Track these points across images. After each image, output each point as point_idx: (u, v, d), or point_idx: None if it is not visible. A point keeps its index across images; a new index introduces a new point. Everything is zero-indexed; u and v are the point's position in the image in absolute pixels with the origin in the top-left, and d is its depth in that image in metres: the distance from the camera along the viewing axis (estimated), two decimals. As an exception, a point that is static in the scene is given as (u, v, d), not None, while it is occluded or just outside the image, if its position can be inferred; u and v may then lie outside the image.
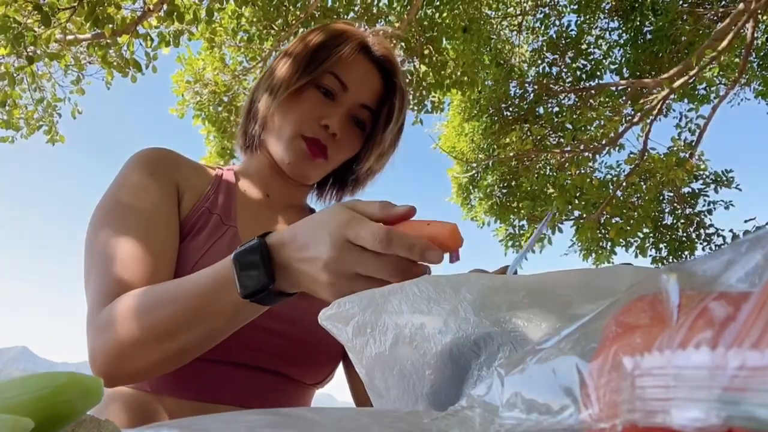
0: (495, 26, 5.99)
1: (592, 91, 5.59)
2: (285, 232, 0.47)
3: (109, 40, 3.89)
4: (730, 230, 5.20)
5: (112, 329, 0.53)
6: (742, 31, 4.29)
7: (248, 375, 0.64)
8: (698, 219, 5.30)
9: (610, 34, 5.88)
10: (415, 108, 5.09)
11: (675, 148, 4.92)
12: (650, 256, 5.37)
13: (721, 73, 5.39)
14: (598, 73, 5.74)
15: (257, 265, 0.45)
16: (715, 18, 4.97)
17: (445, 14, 4.69)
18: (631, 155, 4.99)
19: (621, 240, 5.09)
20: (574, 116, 5.17)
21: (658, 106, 4.80)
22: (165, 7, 3.92)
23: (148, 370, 0.53)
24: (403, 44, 4.61)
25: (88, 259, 0.61)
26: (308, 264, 0.43)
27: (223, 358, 0.62)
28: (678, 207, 5.37)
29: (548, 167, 5.73)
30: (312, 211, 0.87)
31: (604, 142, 5.10)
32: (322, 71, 0.70)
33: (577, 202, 5.14)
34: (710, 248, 5.30)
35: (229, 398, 0.63)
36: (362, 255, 0.41)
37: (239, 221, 0.72)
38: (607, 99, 5.53)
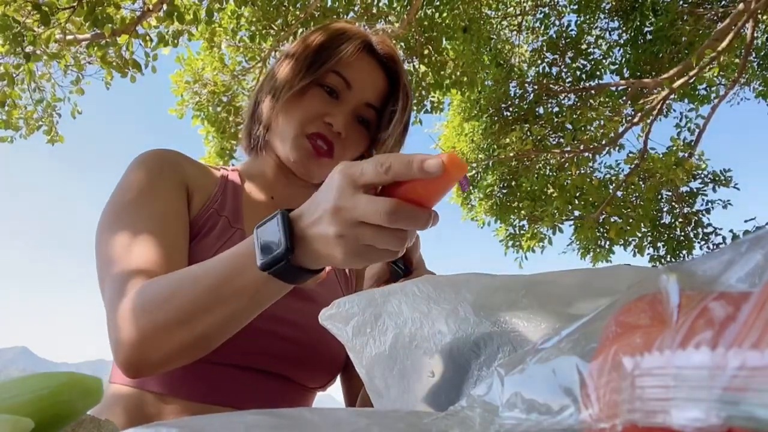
0: (495, 26, 5.98)
1: (592, 91, 5.59)
2: (304, 204, 0.46)
3: (108, 40, 3.88)
4: (730, 230, 5.21)
5: (132, 319, 0.52)
6: (742, 31, 4.29)
7: (251, 378, 0.64)
8: (696, 218, 5.31)
9: (610, 34, 5.88)
10: (415, 108, 5.09)
11: (674, 148, 4.93)
12: (648, 254, 5.37)
13: (721, 73, 5.39)
14: (598, 73, 5.74)
15: (277, 235, 0.45)
16: (715, 18, 4.97)
17: (445, 14, 4.69)
18: (631, 155, 4.99)
19: (619, 239, 5.09)
20: (574, 116, 5.17)
21: (658, 106, 4.81)
22: (165, 7, 3.91)
23: (171, 359, 0.53)
24: (402, 44, 4.61)
25: (101, 258, 0.61)
26: (318, 224, 0.43)
27: (226, 360, 0.62)
28: (676, 206, 5.37)
29: (548, 167, 5.73)
30: None
31: (604, 142, 5.10)
32: (326, 70, 0.70)
33: (576, 202, 5.15)
34: (708, 247, 5.30)
35: (231, 400, 0.62)
36: (361, 198, 0.40)
37: (246, 224, 0.72)
38: (607, 99, 5.53)
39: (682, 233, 5.35)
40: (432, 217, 0.41)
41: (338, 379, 0.77)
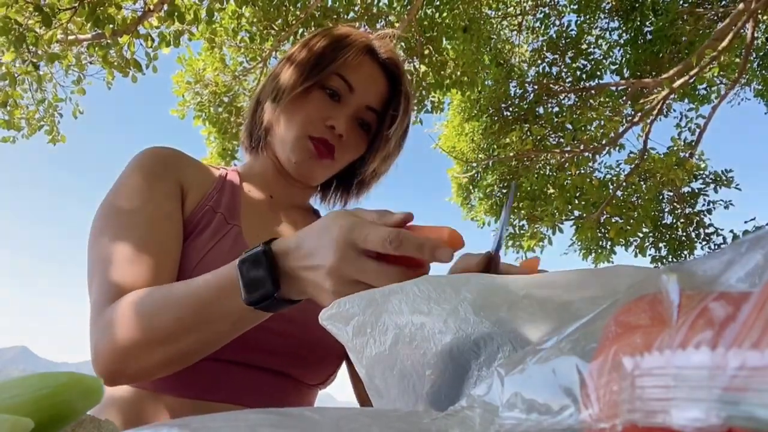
0: (495, 26, 5.98)
1: (592, 91, 5.59)
2: (290, 240, 0.47)
3: (109, 41, 3.89)
4: (731, 230, 5.21)
5: (115, 330, 0.53)
6: (742, 31, 4.29)
7: (250, 374, 0.64)
8: (698, 218, 5.31)
9: (610, 34, 5.88)
10: (415, 108, 5.09)
11: (675, 148, 4.93)
12: (649, 255, 5.37)
13: (721, 73, 5.39)
14: (598, 73, 5.74)
15: (262, 275, 0.46)
16: (715, 18, 4.97)
17: (445, 14, 4.69)
18: (631, 155, 4.99)
19: (621, 239, 5.09)
20: (574, 116, 5.17)
21: (658, 106, 4.80)
22: (165, 7, 3.92)
23: (150, 371, 0.54)
24: (403, 44, 4.61)
25: (91, 261, 0.61)
26: (313, 272, 0.44)
27: (225, 357, 0.62)
28: (678, 206, 5.37)
29: (548, 167, 5.73)
30: (315, 212, 0.87)
31: (604, 142, 5.10)
32: (329, 73, 0.70)
33: (577, 202, 5.14)
34: (710, 248, 5.30)
35: (230, 397, 0.62)
36: (365, 263, 0.41)
37: (243, 220, 0.72)
38: (607, 99, 5.53)
39: (684, 234, 5.35)
40: (428, 271, 0.43)
41: (338, 376, 0.77)
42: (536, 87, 5.64)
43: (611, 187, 5.10)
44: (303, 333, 0.67)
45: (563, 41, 5.78)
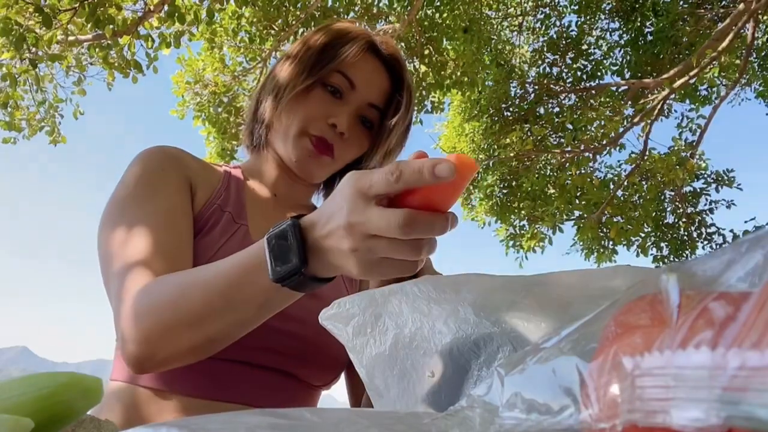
0: (495, 27, 5.98)
1: (593, 92, 5.59)
2: (314, 213, 0.45)
3: (110, 41, 3.89)
4: (731, 230, 5.21)
5: (142, 316, 0.52)
6: (742, 31, 4.29)
7: (256, 374, 0.64)
8: (699, 218, 5.30)
9: (610, 35, 5.88)
10: (416, 108, 5.08)
11: (676, 148, 4.93)
12: (651, 255, 5.37)
13: (722, 73, 5.39)
14: (599, 74, 5.74)
15: (289, 247, 0.44)
16: (716, 18, 4.97)
17: (445, 14, 4.70)
18: (632, 155, 4.99)
19: (622, 239, 5.09)
20: (575, 116, 5.17)
21: (659, 107, 4.80)
22: (166, 7, 3.92)
23: (177, 358, 0.53)
24: (403, 44, 4.61)
25: (106, 253, 0.61)
26: (332, 237, 0.42)
27: (227, 356, 0.61)
28: (679, 206, 5.37)
29: (549, 167, 5.73)
30: None
31: (604, 142, 5.09)
32: (330, 70, 0.70)
33: (577, 202, 5.14)
34: (711, 247, 5.30)
35: (236, 397, 0.62)
36: (372, 211, 0.39)
37: (250, 220, 0.72)
38: (607, 99, 5.53)
39: (686, 233, 5.35)
40: (450, 221, 0.40)
41: (342, 378, 0.77)
42: (537, 87, 5.64)
43: (612, 187, 5.10)
44: (312, 335, 0.66)
45: (564, 42, 5.78)
